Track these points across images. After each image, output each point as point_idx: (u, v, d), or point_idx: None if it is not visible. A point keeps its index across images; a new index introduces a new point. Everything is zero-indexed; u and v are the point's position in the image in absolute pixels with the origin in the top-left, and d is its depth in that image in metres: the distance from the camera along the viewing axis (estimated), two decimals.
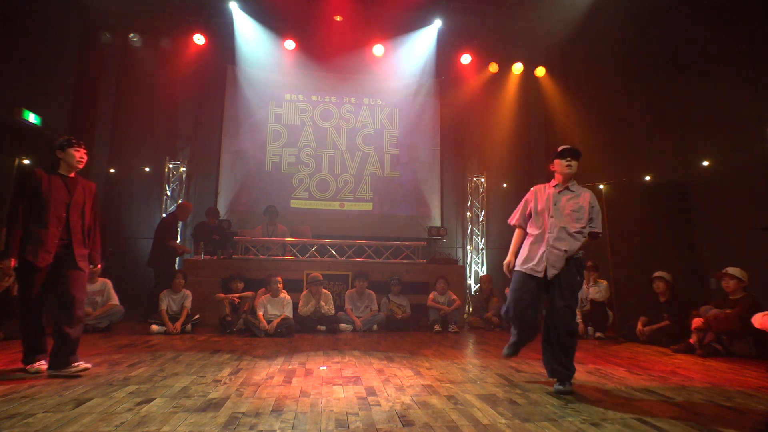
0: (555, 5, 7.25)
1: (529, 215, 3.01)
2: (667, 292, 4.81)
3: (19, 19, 5.91)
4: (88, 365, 3.01)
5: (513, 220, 3.11)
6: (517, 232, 3.09)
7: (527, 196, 3.06)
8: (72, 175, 3.14)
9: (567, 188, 2.93)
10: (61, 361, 2.91)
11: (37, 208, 2.96)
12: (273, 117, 8.07)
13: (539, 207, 2.94)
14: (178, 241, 6.25)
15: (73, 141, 3.12)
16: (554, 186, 2.97)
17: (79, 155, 3.14)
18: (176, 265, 6.12)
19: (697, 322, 4.09)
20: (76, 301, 2.99)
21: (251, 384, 2.74)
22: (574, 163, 2.91)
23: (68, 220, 3.04)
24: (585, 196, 2.90)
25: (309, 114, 8.18)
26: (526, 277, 2.85)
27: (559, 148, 2.97)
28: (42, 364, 2.94)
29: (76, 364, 2.93)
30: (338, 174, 8.08)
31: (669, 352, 4.17)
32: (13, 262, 2.88)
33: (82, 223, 3.12)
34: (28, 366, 2.92)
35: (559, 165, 2.94)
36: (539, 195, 2.99)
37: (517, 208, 3.09)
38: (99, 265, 3.27)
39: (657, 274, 4.87)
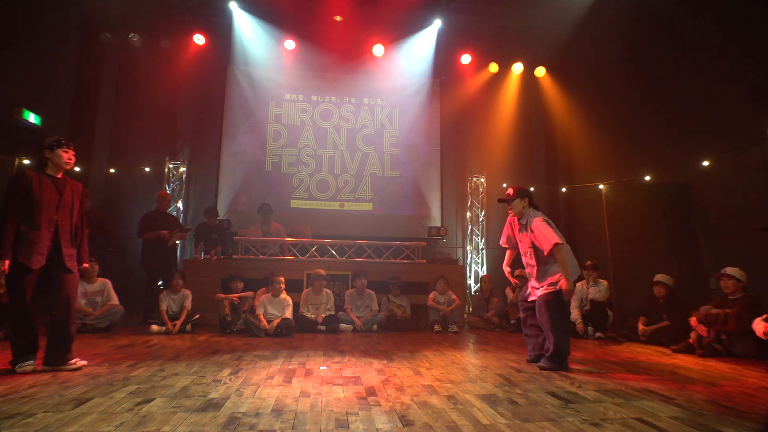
0: (555, 5, 7.24)
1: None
2: (667, 295, 4.82)
3: (19, 20, 5.91)
4: (84, 362, 3.09)
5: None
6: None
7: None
8: (60, 175, 3.14)
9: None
10: (58, 358, 2.98)
11: (27, 210, 2.95)
12: (273, 117, 8.06)
13: None
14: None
15: (63, 141, 3.11)
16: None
17: (67, 156, 3.13)
18: (175, 264, 6.07)
19: (693, 322, 4.11)
20: (71, 300, 3.06)
21: (251, 384, 2.74)
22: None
23: (57, 221, 3.06)
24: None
25: (309, 114, 8.18)
26: None
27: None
28: (30, 365, 2.93)
29: (72, 361, 3.03)
30: (338, 174, 8.07)
31: (669, 352, 4.17)
32: (6, 264, 2.86)
33: (71, 223, 3.15)
34: (18, 366, 2.90)
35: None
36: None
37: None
38: (86, 264, 3.30)
39: (657, 278, 4.87)
